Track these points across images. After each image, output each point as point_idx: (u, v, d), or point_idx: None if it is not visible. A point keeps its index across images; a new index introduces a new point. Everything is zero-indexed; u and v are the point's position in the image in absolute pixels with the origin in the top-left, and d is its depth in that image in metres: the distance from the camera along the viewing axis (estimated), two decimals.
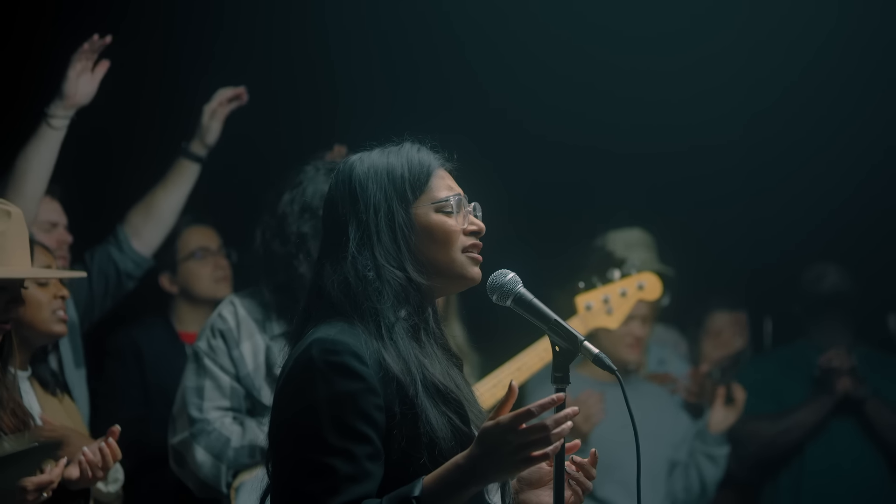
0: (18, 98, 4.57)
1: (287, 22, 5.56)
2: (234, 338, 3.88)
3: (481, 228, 2.55)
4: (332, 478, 2.32)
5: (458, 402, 2.45)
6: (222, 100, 4.53)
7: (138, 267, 4.51)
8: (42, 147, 4.04)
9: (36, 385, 3.69)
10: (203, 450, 3.84)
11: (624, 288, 4.40)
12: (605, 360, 2.42)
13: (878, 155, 5.72)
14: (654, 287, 4.47)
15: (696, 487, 4.81)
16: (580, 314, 4.33)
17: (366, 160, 2.55)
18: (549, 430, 2.28)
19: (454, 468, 2.31)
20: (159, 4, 5.34)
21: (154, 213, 4.49)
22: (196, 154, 4.54)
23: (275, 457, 2.45)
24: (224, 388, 3.87)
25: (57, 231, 4.29)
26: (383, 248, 2.47)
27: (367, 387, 2.36)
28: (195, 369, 3.91)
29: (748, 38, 5.74)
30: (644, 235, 5.42)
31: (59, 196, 4.36)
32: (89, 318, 4.45)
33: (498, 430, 2.28)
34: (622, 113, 5.69)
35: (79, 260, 4.46)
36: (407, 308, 2.47)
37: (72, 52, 4.13)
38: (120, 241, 4.48)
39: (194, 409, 3.86)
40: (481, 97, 5.73)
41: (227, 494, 3.85)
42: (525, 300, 2.48)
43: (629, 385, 2.83)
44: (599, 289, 4.39)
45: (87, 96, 4.13)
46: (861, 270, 5.42)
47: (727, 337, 5.71)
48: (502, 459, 2.28)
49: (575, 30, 5.62)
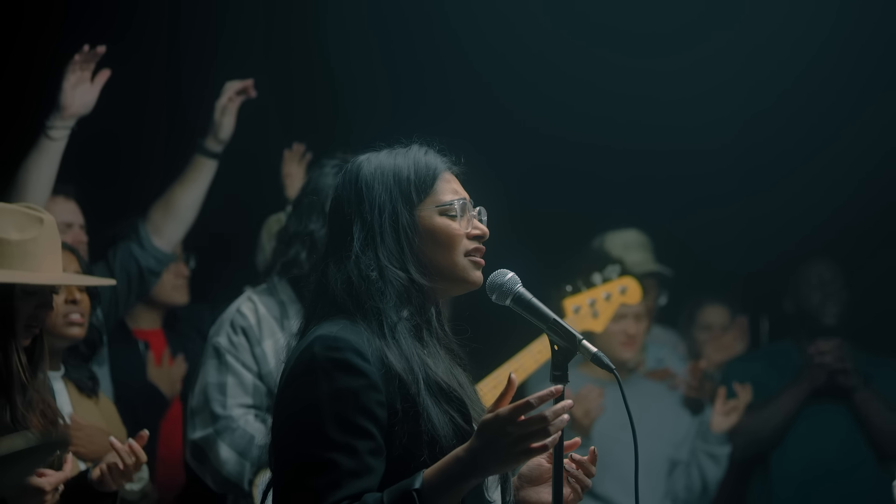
0: (22, 110, 4.56)
1: (288, 23, 5.59)
2: (256, 335, 3.88)
3: (485, 233, 2.56)
4: (334, 472, 2.34)
5: (461, 401, 2.47)
6: (231, 94, 4.56)
7: (160, 263, 4.53)
8: (42, 159, 4.05)
9: (70, 386, 3.71)
10: (227, 447, 3.82)
11: (608, 292, 4.48)
12: (603, 358, 2.44)
13: (876, 156, 5.72)
14: (635, 291, 4.57)
15: (697, 486, 4.81)
16: (568, 317, 4.38)
17: (373, 160, 2.57)
18: (549, 421, 2.30)
19: (454, 461, 2.33)
20: (164, 10, 5.35)
21: (173, 210, 4.51)
22: (211, 150, 4.55)
23: (277, 452, 2.46)
24: (247, 385, 3.86)
25: (72, 231, 4.31)
26: (386, 248, 2.49)
27: (369, 383, 2.38)
28: (217, 365, 3.89)
29: (746, 40, 5.75)
30: (640, 236, 5.47)
31: (75, 196, 4.38)
32: (114, 314, 4.48)
33: (498, 422, 2.29)
34: (623, 111, 5.70)
35: (98, 259, 4.48)
36: (409, 308, 2.49)
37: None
38: (141, 238, 4.50)
39: (218, 406, 3.84)
40: (484, 98, 5.75)
41: (249, 492, 3.85)
42: (524, 299, 2.50)
43: (629, 383, 2.85)
44: (585, 292, 4.46)
45: (86, 106, 4.13)
46: (856, 270, 5.44)
47: (728, 340, 5.74)
48: (502, 451, 2.30)
49: (577, 29, 5.64)
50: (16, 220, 2.98)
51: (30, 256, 2.95)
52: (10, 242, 2.93)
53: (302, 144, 5.07)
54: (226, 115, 4.53)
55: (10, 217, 2.98)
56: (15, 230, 2.96)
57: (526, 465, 2.61)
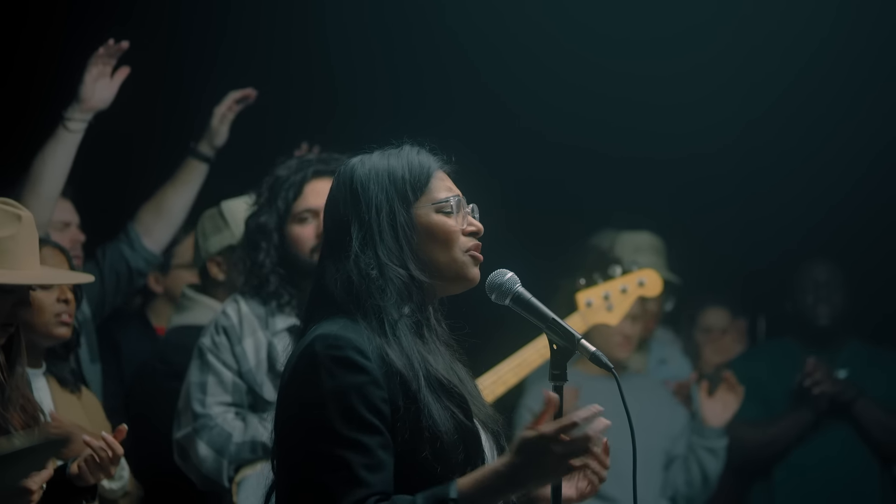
0: (33, 102, 4.62)
1: (289, 27, 5.59)
2: (237, 334, 3.92)
3: (480, 229, 2.59)
4: (347, 469, 2.34)
5: (461, 397, 2.48)
6: (230, 103, 4.61)
7: (149, 264, 4.57)
8: (59, 149, 4.10)
9: (53, 382, 3.72)
10: (205, 445, 3.87)
11: (625, 284, 4.41)
12: (601, 357, 2.47)
13: (870, 155, 5.74)
14: (655, 283, 4.48)
15: (697, 480, 4.82)
16: (581, 311, 4.34)
17: (366, 162, 2.58)
18: (591, 440, 2.33)
19: (492, 474, 2.35)
20: (164, 10, 5.37)
21: (164, 212, 4.55)
22: (204, 154, 4.60)
23: (282, 452, 2.47)
24: (226, 383, 3.91)
25: (70, 230, 4.35)
26: (386, 247, 2.51)
27: (372, 380, 2.40)
28: (199, 365, 3.94)
29: (744, 42, 5.76)
30: (654, 239, 5.41)
31: (71, 196, 4.40)
32: (100, 313, 4.50)
33: (543, 441, 2.32)
34: (618, 115, 5.69)
35: (90, 258, 4.51)
36: (409, 305, 2.51)
37: (86, 55, 4.17)
38: (131, 238, 4.53)
39: (197, 405, 3.90)
40: (482, 100, 5.76)
41: (229, 489, 3.88)
42: (523, 299, 2.53)
43: (626, 381, 2.87)
44: (600, 285, 4.39)
45: (105, 101, 4.19)
46: (854, 268, 5.46)
47: (727, 343, 5.74)
48: (546, 468, 2.33)
49: (571, 32, 5.64)
50: None
51: (8, 254, 2.92)
52: None
53: (315, 146, 5.08)
54: (223, 123, 4.58)
55: None
56: None
57: None
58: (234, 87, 4.66)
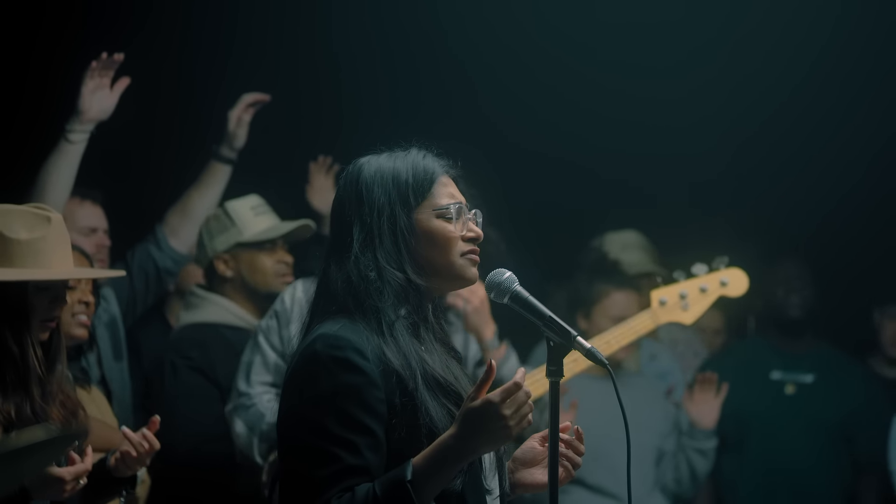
0: (42, 114, 4.63)
1: (296, 33, 5.65)
2: (287, 317, 4.12)
3: (479, 235, 2.62)
4: (336, 465, 2.40)
5: (457, 394, 2.52)
6: (244, 106, 4.71)
7: (176, 264, 4.68)
8: (61, 161, 4.16)
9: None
10: (241, 422, 4.15)
11: (705, 284, 4.36)
12: (597, 354, 2.50)
13: (864, 164, 5.83)
14: (740, 283, 4.39)
15: (686, 479, 4.87)
16: (652, 308, 4.33)
17: (374, 163, 2.62)
18: (529, 397, 2.40)
19: (442, 448, 2.40)
20: (177, 22, 5.44)
21: (190, 214, 4.66)
22: (226, 156, 4.71)
23: (282, 441, 2.53)
24: (269, 364, 4.14)
25: (97, 235, 4.43)
26: (384, 250, 2.54)
27: (369, 380, 2.44)
28: (251, 346, 4.20)
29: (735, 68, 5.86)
30: (639, 237, 5.47)
31: (101, 201, 4.49)
32: (132, 313, 4.60)
33: (492, 407, 2.37)
34: (621, 115, 5.78)
35: (119, 259, 4.59)
36: (407, 307, 2.55)
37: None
38: (159, 240, 4.64)
39: (242, 383, 4.17)
40: (481, 111, 5.84)
41: (262, 466, 4.12)
42: (521, 297, 2.55)
43: (620, 379, 2.92)
44: (678, 284, 4.37)
45: (105, 112, 4.23)
46: (824, 270, 5.53)
47: (709, 335, 5.80)
48: (498, 432, 2.38)
49: (562, 44, 5.75)
50: (24, 221, 3.06)
51: (40, 254, 3.03)
52: (20, 242, 3.02)
53: (328, 157, 5.21)
54: (240, 126, 4.69)
55: (19, 217, 3.06)
56: (24, 230, 3.04)
57: (520, 450, 2.71)
58: (245, 91, 4.77)
